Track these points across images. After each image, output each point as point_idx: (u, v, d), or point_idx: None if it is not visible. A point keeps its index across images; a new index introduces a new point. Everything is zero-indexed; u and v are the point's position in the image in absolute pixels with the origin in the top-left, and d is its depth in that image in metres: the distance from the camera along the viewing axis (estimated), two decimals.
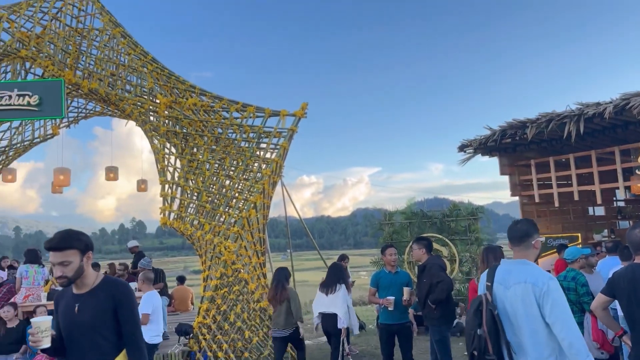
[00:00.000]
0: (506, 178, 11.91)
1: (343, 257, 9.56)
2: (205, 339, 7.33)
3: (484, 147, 10.99)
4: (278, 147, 8.37)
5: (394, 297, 6.19)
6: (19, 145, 12.84)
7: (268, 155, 8.41)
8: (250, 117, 8.57)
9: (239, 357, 7.38)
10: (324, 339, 10.82)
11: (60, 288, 8.65)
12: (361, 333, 10.82)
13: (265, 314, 7.89)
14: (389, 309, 6.22)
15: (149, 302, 6.55)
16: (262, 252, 8.60)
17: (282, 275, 6.81)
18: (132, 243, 10.99)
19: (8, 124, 11.85)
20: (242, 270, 7.65)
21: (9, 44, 8.85)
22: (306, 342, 10.54)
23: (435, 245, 11.50)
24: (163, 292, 9.26)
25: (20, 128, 12.52)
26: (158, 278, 9.24)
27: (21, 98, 8.75)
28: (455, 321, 10.23)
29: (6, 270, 10.47)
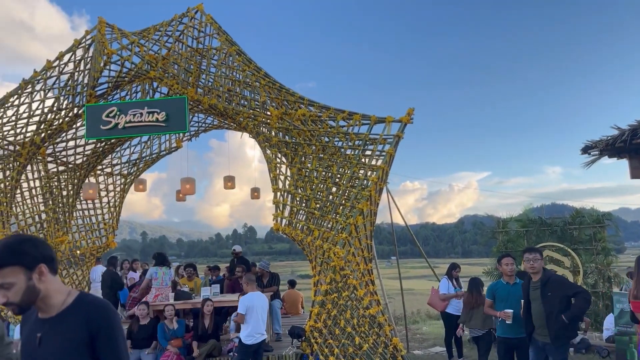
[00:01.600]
0: (637, 182, 10.75)
1: (454, 266, 9.26)
2: (317, 343, 7.50)
3: (611, 148, 10.02)
4: (384, 153, 8.36)
5: (512, 310, 5.86)
6: (147, 157, 14.21)
7: (374, 162, 8.43)
8: (356, 125, 8.66)
9: None
10: (435, 349, 10.57)
11: (185, 288, 9.33)
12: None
13: (375, 322, 7.88)
14: (507, 322, 5.91)
15: (243, 303, 6.94)
16: (369, 259, 8.62)
17: (477, 283, 7.77)
18: (237, 248, 11.59)
19: (139, 138, 13.18)
20: (350, 276, 7.72)
21: (140, 66, 9.82)
22: (416, 352, 10.38)
23: (556, 256, 10.73)
24: (276, 295, 9.63)
25: (148, 142, 13.86)
26: (273, 281, 9.63)
27: (150, 115, 9.67)
28: (580, 337, 9.44)
29: (138, 272, 11.57)
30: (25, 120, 10.16)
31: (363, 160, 8.57)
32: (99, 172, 13.48)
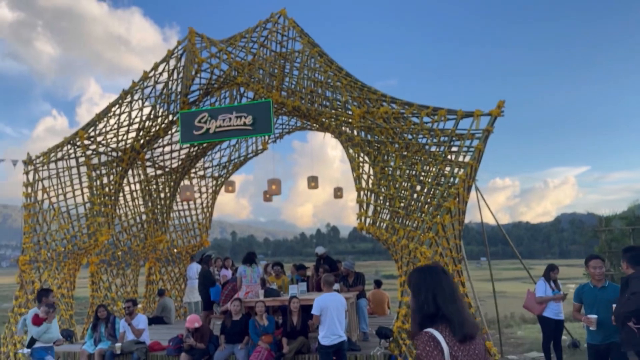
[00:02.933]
0: None
1: (552, 268, 8.69)
2: (405, 344, 7.37)
3: None
4: (472, 149, 8.03)
5: (596, 316, 5.47)
6: (236, 160, 14.79)
7: (461, 158, 8.12)
8: (441, 121, 8.39)
9: None
10: (532, 354, 9.99)
11: (273, 286, 9.55)
12: (575, 351, 9.73)
13: None
14: (590, 328, 5.50)
15: (317, 304, 6.99)
16: (458, 260, 8.32)
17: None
18: (320, 250, 11.61)
19: (228, 142, 13.75)
20: None
21: (228, 73, 10.24)
22: (511, 357, 9.88)
23: None
24: (362, 294, 9.60)
25: (237, 145, 14.42)
26: (358, 281, 9.61)
27: (238, 119, 10.05)
28: None
29: (229, 269, 12.05)
30: (125, 128, 10.97)
31: (449, 157, 8.29)
32: (192, 175, 14.25)
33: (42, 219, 10.49)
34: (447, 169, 8.25)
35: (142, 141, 11.18)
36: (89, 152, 10.75)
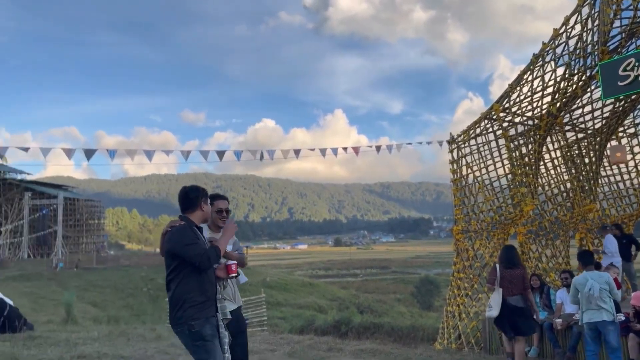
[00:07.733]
0: None
1: None
2: None
3: None
4: None
5: None
6: None
7: None
8: None
9: None
10: None
11: None
12: None
13: None
14: None
15: None
16: None
17: None
18: None
19: None
20: None
21: None
22: None
23: None
24: None
25: None
26: None
27: None
28: None
29: None
30: (539, 94, 10.49)
31: None
32: (620, 134, 12.44)
33: (468, 192, 11.31)
34: None
35: (558, 104, 10.46)
36: (505, 124, 10.87)
